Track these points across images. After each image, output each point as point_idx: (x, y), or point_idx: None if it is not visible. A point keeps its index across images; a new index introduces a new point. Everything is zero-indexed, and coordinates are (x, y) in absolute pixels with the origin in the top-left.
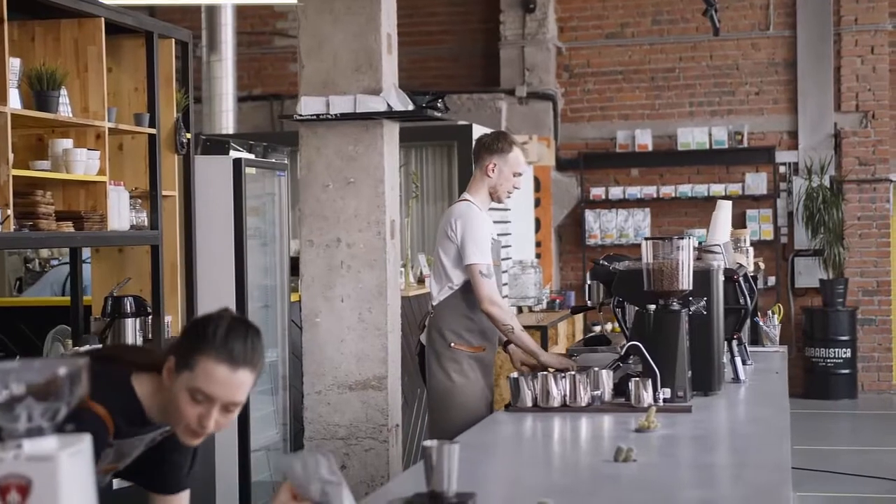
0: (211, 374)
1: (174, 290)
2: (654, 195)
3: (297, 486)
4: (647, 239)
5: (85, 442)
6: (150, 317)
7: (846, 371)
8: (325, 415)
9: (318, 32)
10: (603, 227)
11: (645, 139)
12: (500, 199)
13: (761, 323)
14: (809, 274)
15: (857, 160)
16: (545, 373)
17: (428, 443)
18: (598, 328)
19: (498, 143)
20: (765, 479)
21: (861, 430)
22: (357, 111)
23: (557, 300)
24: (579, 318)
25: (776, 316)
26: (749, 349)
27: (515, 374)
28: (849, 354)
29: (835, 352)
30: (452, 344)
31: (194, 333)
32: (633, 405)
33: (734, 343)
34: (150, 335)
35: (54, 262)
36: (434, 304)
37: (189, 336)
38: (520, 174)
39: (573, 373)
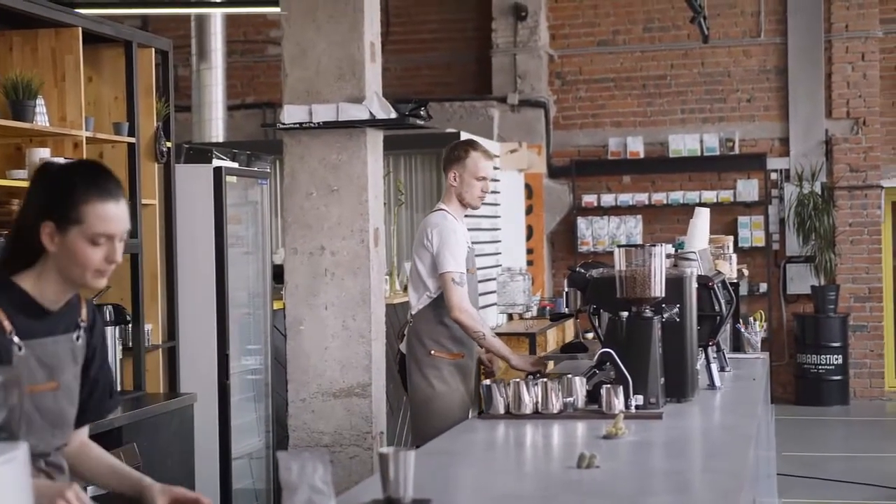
0: (102, 216)
1: (154, 299)
2: (646, 202)
3: (284, 485)
4: (619, 246)
5: (20, 450)
6: (129, 325)
7: (838, 377)
8: (310, 422)
9: (301, 40)
10: (595, 234)
11: (637, 146)
12: (472, 205)
13: (743, 330)
14: (801, 280)
15: (849, 167)
16: (517, 380)
17: (384, 450)
18: (590, 335)
19: (455, 151)
20: (722, 485)
21: (852, 436)
22: (339, 119)
23: (548, 307)
24: (570, 325)
25: (757, 323)
26: (730, 356)
27: (488, 382)
28: (840, 361)
29: (826, 358)
30: (432, 352)
31: (59, 190)
32: (605, 412)
33: (710, 350)
34: (129, 343)
35: None
36: (413, 312)
37: (54, 194)
38: (483, 178)
39: (545, 380)
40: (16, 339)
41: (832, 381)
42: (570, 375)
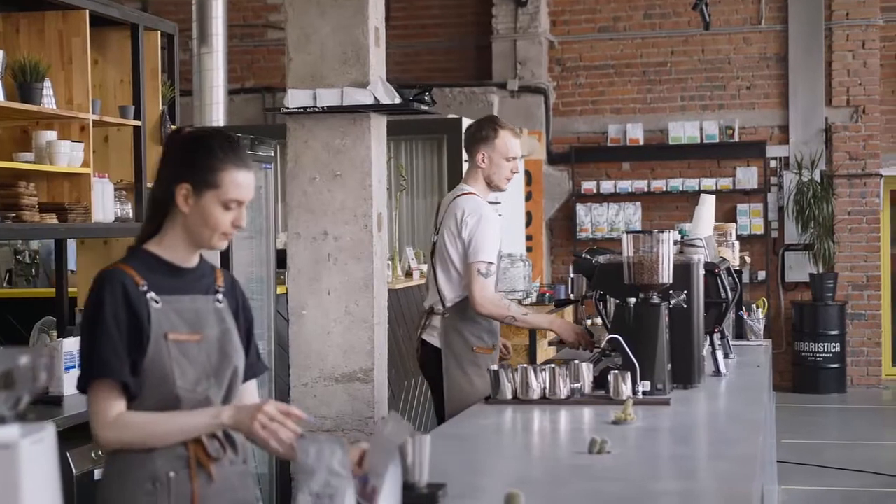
0: (238, 183)
1: None
2: (646, 189)
3: (302, 468)
4: (627, 232)
5: (47, 431)
6: None
7: (835, 365)
8: (312, 407)
9: (305, 25)
10: (594, 220)
11: (636, 133)
12: (499, 187)
13: (745, 317)
14: (799, 268)
15: (848, 155)
16: (525, 365)
17: None
18: (589, 322)
19: (482, 130)
20: (733, 470)
21: (849, 424)
22: (344, 104)
23: (548, 294)
24: (569, 311)
25: (760, 310)
26: (733, 343)
27: (495, 367)
28: (838, 349)
29: (824, 346)
30: (475, 348)
31: (198, 155)
32: (613, 398)
33: (715, 336)
34: None
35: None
36: (447, 304)
37: (194, 162)
38: (513, 158)
39: (553, 365)
40: (151, 293)
41: (830, 368)
42: (576, 361)
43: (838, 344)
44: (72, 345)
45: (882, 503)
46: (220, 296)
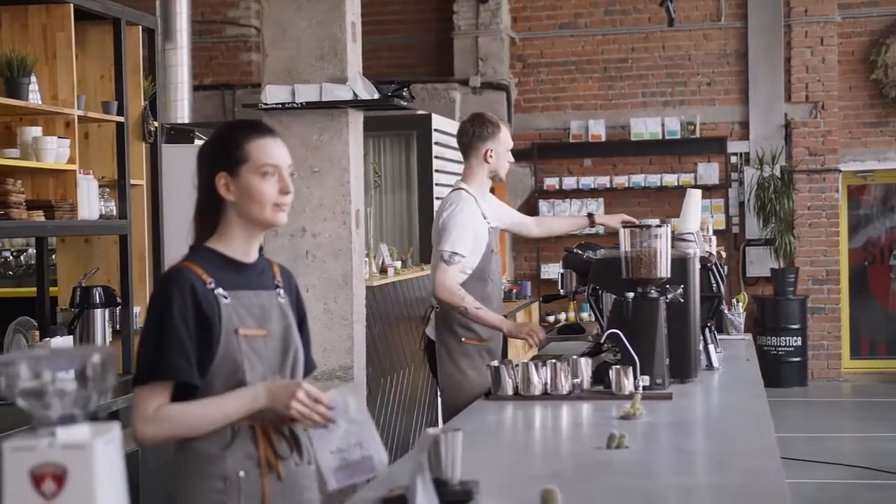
0: (264, 148)
1: (142, 280)
2: (608, 185)
3: (316, 429)
4: (625, 226)
5: (115, 430)
6: (118, 307)
7: (797, 359)
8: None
9: (281, 20)
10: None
11: (598, 129)
12: (502, 177)
13: (726, 311)
14: (761, 263)
15: (807, 150)
16: (525, 361)
17: (432, 430)
18: (551, 318)
19: (485, 128)
20: (757, 465)
21: (812, 417)
22: (323, 100)
23: (514, 290)
24: (535, 307)
25: (741, 304)
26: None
27: (496, 363)
28: (799, 342)
29: (785, 340)
30: (463, 339)
31: (222, 145)
32: (614, 393)
33: (707, 331)
34: (118, 326)
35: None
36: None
37: (220, 150)
38: (510, 148)
39: (553, 361)
40: (219, 290)
41: (791, 362)
42: (575, 357)
43: (800, 338)
44: (60, 345)
45: (856, 493)
46: (281, 290)
